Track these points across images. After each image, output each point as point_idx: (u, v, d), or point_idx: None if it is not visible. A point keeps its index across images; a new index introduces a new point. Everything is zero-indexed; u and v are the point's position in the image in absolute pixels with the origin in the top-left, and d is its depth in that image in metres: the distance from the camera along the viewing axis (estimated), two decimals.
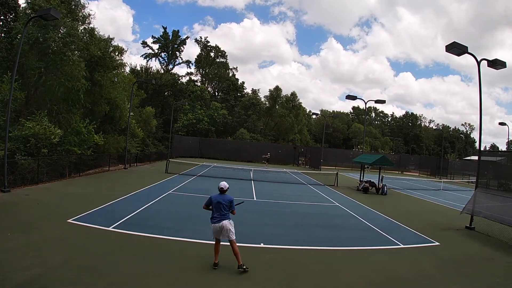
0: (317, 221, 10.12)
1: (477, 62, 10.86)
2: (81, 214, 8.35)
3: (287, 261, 6.28)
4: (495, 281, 6.07)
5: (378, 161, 18.26)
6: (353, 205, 13.47)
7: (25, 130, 13.55)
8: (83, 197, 10.82)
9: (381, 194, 17.72)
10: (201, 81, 57.69)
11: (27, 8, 15.64)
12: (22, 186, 11.82)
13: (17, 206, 8.95)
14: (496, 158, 15.20)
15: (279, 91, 50.56)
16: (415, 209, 13.86)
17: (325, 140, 41.54)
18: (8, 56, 16.39)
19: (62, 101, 16.62)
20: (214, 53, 58.76)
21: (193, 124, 44.76)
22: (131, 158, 24.20)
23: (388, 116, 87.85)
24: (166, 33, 56.04)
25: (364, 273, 5.94)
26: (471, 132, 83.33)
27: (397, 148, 69.36)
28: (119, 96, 21.10)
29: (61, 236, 6.66)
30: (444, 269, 6.49)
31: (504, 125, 37.51)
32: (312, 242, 7.66)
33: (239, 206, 6.23)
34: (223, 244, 5.88)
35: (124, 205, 9.97)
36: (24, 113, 15.58)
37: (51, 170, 13.82)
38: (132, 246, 6.47)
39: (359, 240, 8.28)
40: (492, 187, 11.62)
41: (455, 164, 43.76)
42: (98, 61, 18.13)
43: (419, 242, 8.36)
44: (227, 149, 41.09)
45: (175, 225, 8.39)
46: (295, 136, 51.48)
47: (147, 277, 5.07)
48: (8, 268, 4.91)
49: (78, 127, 16.75)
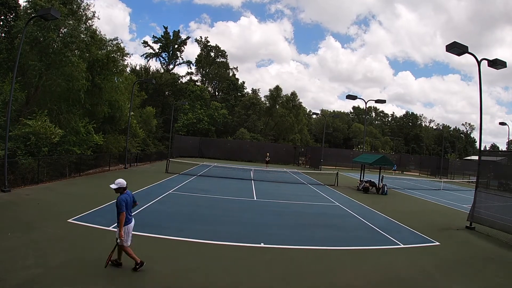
0: (317, 221, 10.13)
1: (478, 62, 10.85)
2: (81, 214, 8.36)
3: (287, 261, 6.28)
4: (496, 281, 6.07)
5: (378, 161, 18.26)
6: (353, 205, 13.47)
7: (26, 128, 13.57)
8: (83, 197, 10.83)
9: (381, 194, 17.71)
10: (201, 81, 57.71)
11: (28, 7, 15.64)
12: (22, 186, 11.84)
13: (17, 206, 8.95)
14: (496, 158, 15.17)
15: (279, 91, 50.52)
16: (415, 209, 13.86)
17: (325, 140, 41.52)
18: (9, 57, 16.40)
19: (62, 101, 16.64)
20: (215, 53, 58.77)
21: (193, 124, 44.77)
22: (132, 158, 24.21)
23: (388, 116, 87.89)
24: (167, 33, 56.04)
25: (364, 273, 5.94)
26: (471, 132, 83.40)
27: (397, 148, 69.34)
28: (120, 98, 21.13)
29: (61, 236, 6.67)
30: (444, 269, 6.49)
31: (504, 125, 37.53)
32: (312, 242, 7.66)
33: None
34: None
35: None
36: (24, 112, 15.61)
37: (51, 170, 13.83)
38: (132, 246, 6.45)
39: (359, 240, 8.28)
40: (492, 187, 11.59)
41: (455, 164, 43.73)
42: (102, 65, 18.12)
43: (419, 242, 8.36)
44: (227, 149, 41.09)
45: (175, 225, 8.39)
46: (295, 136, 51.42)
47: (147, 277, 5.08)
48: (8, 268, 4.92)
49: (77, 127, 16.76)
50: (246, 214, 10.26)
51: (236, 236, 7.66)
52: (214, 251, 6.55)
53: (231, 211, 10.54)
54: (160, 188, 13.84)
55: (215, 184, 16.98)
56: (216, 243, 6.96)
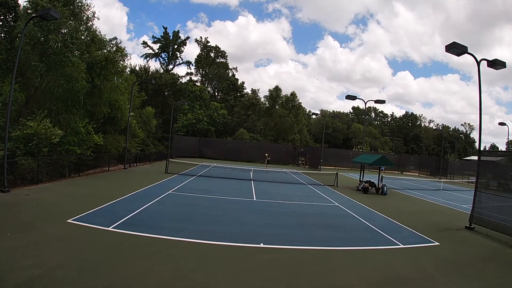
0: (317, 221, 10.13)
1: (477, 62, 10.86)
2: (81, 214, 8.36)
3: (286, 261, 6.29)
4: (495, 281, 6.08)
5: (378, 161, 18.27)
6: (353, 205, 13.48)
7: (27, 129, 13.55)
8: (82, 197, 10.82)
9: (381, 194, 17.72)
10: (200, 81, 57.72)
11: (28, 7, 15.63)
12: (22, 186, 11.82)
13: (17, 206, 8.94)
14: (496, 158, 15.19)
15: (278, 91, 50.54)
16: (415, 209, 13.87)
17: (325, 140, 41.55)
18: (8, 57, 16.37)
19: (62, 102, 16.62)
20: (214, 53, 58.81)
21: (193, 124, 44.77)
22: (131, 158, 24.20)
23: (388, 116, 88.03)
24: (167, 33, 56.10)
25: (363, 273, 5.94)
26: (470, 132, 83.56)
27: (396, 148, 69.40)
28: (120, 98, 21.11)
29: (61, 236, 6.66)
30: (444, 269, 6.49)
31: (504, 125, 37.58)
32: (312, 242, 7.66)
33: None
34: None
35: (124, 205, 9.97)
36: (24, 113, 15.59)
37: (51, 170, 13.81)
38: (132, 246, 6.46)
39: (359, 240, 8.29)
40: (491, 187, 11.60)
41: (455, 164, 43.79)
42: (102, 66, 18.10)
43: (418, 242, 8.37)
44: (227, 149, 41.11)
45: (175, 225, 8.38)
46: (295, 136, 51.45)
47: (147, 277, 5.08)
48: (8, 268, 4.91)
49: (77, 127, 16.75)
50: (245, 214, 10.26)
51: (236, 236, 7.66)
52: (214, 251, 6.55)
53: (230, 211, 10.53)
54: (160, 189, 13.84)
55: (215, 184, 16.98)
56: (216, 243, 6.96)
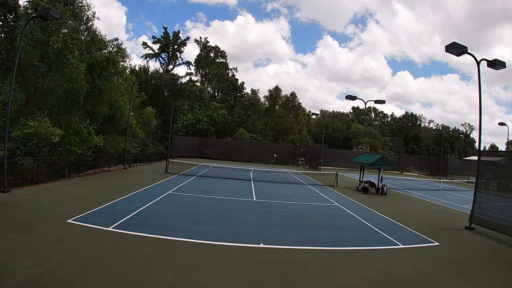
0: (317, 221, 10.13)
1: (477, 62, 10.86)
2: (81, 214, 8.36)
3: (287, 261, 6.29)
4: (495, 281, 6.08)
5: (378, 162, 18.27)
6: (352, 205, 13.48)
7: (27, 128, 13.55)
8: (82, 197, 10.82)
9: (381, 194, 17.73)
10: (200, 81, 57.74)
11: (28, 7, 15.62)
12: (21, 186, 11.81)
13: (16, 206, 8.94)
14: (495, 158, 15.20)
15: (278, 91, 50.55)
16: (414, 209, 13.87)
17: (324, 140, 41.56)
18: (8, 57, 16.36)
19: (62, 102, 16.61)
20: (214, 54, 58.83)
21: (193, 124, 44.78)
22: (131, 158, 24.19)
23: (388, 116, 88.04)
24: (167, 34, 56.11)
25: (363, 273, 5.95)
26: (470, 132, 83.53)
27: (396, 148, 69.41)
28: (120, 98, 21.10)
29: (60, 236, 6.66)
30: (443, 269, 6.49)
31: (503, 125, 37.58)
32: (312, 242, 7.66)
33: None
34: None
35: (124, 205, 9.97)
36: (24, 113, 15.58)
37: (50, 170, 13.81)
38: (132, 246, 6.46)
39: (359, 240, 8.29)
40: (491, 188, 11.60)
41: (455, 164, 43.81)
42: (102, 67, 18.10)
43: (418, 242, 8.37)
44: (226, 149, 41.13)
45: (175, 225, 8.38)
46: (295, 136, 51.44)
47: (147, 277, 5.08)
48: (8, 268, 4.92)
49: (79, 128, 16.75)
50: (245, 215, 10.26)
51: (236, 236, 7.66)
52: (214, 251, 6.55)
53: (230, 211, 10.52)
54: (160, 189, 13.84)
55: (215, 184, 16.98)
56: (216, 243, 6.96)
